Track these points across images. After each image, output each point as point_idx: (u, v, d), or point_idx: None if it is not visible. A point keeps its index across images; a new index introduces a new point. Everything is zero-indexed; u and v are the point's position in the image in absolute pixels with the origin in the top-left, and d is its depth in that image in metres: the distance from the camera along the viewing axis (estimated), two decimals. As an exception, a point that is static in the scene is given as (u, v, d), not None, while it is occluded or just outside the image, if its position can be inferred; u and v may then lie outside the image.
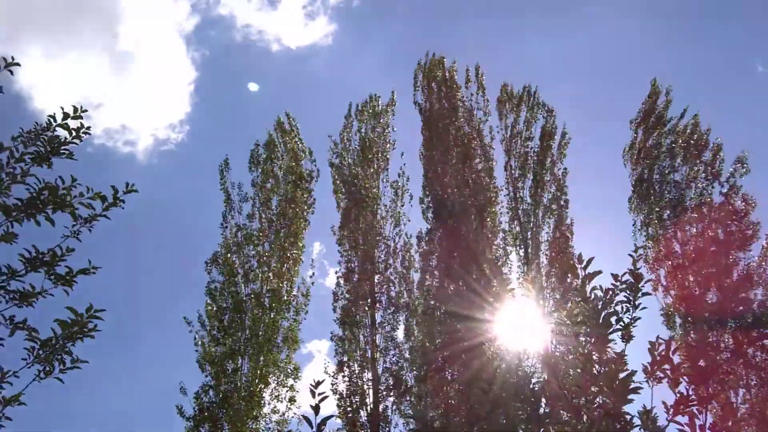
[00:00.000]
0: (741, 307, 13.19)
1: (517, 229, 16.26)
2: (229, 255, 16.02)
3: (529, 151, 17.22)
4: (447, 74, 18.56)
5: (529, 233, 16.07)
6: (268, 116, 39.14)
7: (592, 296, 3.44)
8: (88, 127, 4.32)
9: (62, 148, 4.21)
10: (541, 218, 16.26)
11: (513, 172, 17.08)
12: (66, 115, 4.28)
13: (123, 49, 39.09)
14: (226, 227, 16.64)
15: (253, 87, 37.82)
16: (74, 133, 4.28)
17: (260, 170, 17.73)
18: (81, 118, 4.32)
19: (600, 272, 3.59)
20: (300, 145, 18.74)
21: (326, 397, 2.95)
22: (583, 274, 3.51)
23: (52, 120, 4.23)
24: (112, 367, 30.94)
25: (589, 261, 3.56)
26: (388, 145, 18.47)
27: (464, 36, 38.40)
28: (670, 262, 14.57)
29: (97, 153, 34.50)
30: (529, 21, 37.17)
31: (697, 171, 15.94)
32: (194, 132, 37.56)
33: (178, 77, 41.06)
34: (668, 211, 15.74)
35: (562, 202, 16.49)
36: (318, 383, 2.91)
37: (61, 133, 4.25)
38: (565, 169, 17.02)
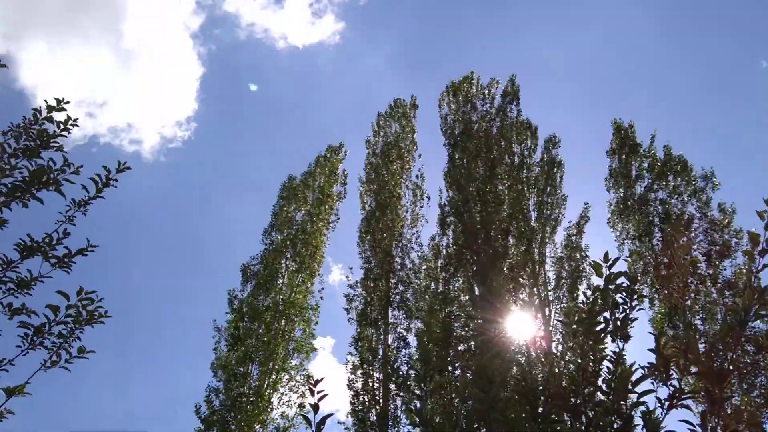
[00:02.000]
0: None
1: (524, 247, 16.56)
2: (261, 268, 17.00)
3: (530, 176, 18.00)
4: (475, 90, 19.49)
5: (535, 249, 16.32)
6: (275, 114, 39.15)
7: (612, 296, 3.45)
8: (75, 119, 4.32)
9: (51, 141, 4.21)
10: (548, 236, 16.80)
11: (523, 190, 17.64)
12: (51, 108, 4.29)
13: (128, 47, 39.12)
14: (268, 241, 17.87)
15: (252, 87, 38.00)
16: (62, 126, 4.29)
17: (291, 197, 18.95)
18: (65, 110, 4.32)
19: (625, 272, 3.59)
20: (337, 175, 19.95)
21: (326, 395, 2.97)
22: (608, 272, 3.53)
23: (37, 113, 4.24)
24: (117, 369, 31.24)
25: (615, 260, 3.58)
26: (412, 149, 19.33)
27: (469, 33, 38.24)
28: (657, 272, 14.88)
29: (102, 152, 34.64)
30: (535, 19, 36.93)
31: (674, 189, 16.98)
32: (202, 129, 37.57)
33: (184, 74, 41.12)
34: (655, 226, 16.44)
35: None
36: (317, 381, 2.92)
37: (50, 126, 4.26)
38: (564, 195, 17.82)
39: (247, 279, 16.88)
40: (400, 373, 14.33)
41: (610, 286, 3.45)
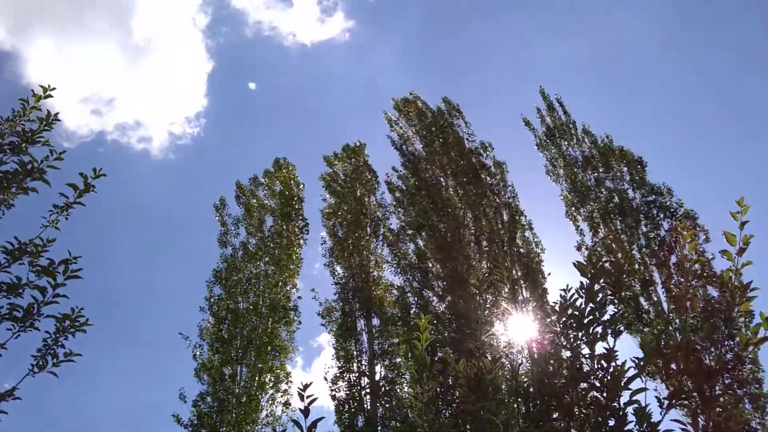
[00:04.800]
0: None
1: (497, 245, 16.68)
2: (229, 272, 16.96)
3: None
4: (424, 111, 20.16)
5: (506, 249, 16.45)
6: (284, 111, 38.81)
7: (599, 295, 3.41)
8: (56, 114, 4.44)
9: (37, 136, 4.31)
10: (510, 235, 16.80)
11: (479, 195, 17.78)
12: (38, 97, 4.42)
13: (136, 42, 38.53)
14: (226, 248, 17.89)
15: (252, 85, 37.84)
16: (44, 122, 4.39)
17: (247, 203, 19.18)
18: (51, 96, 4.47)
19: (610, 270, 3.56)
20: (294, 183, 20.21)
21: (315, 399, 2.92)
22: (593, 271, 3.48)
23: (25, 104, 4.35)
24: (114, 369, 30.75)
25: (599, 258, 3.54)
26: (371, 176, 20.00)
27: (478, 29, 38.33)
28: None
29: (109, 151, 34.02)
30: (543, 14, 36.97)
31: (613, 176, 16.95)
32: (211, 126, 37.06)
33: (193, 70, 40.61)
34: (616, 215, 16.17)
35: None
36: (306, 386, 2.87)
37: (38, 113, 4.38)
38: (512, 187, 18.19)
39: (218, 282, 16.93)
40: (386, 378, 14.49)
41: (596, 286, 3.41)
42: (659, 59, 35.13)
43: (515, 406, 3.88)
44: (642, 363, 3.09)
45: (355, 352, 15.22)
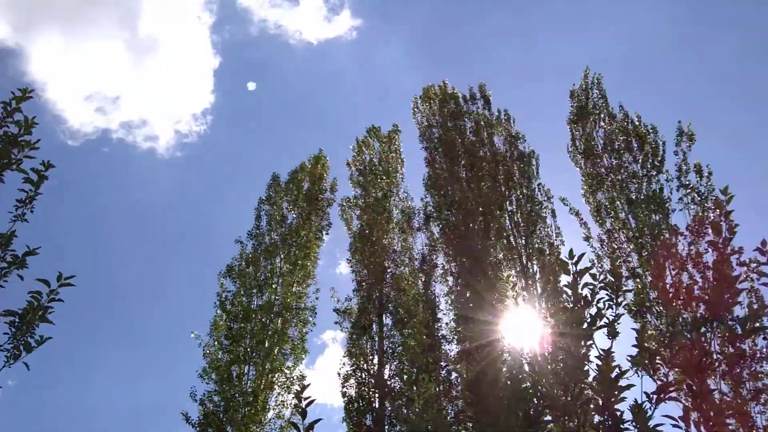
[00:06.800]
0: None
1: (512, 240, 16.11)
2: (244, 267, 16.79)
3: (509, 168, 17.65)
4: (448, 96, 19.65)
5: (521, 241, 16.09)
6: (291, 108, 38.95)
7: (583, 293, 3.42)
8: (33, 117, 4.66)
9: (19, 139, 4.53)
10: (530, 227, 16.22)
11: (500, 187, 17.05)
12: (18, 99, 4.62)
13: (142, 39, 38.70)
14: (248, 242, 17.73)
15: (251, 86, 37.88)
16: (23, 126, 4.60)
17: (273, 199, 19.05)
18: (31, 98, 4.70)
19: (591, 268, 3.57)
20: (325, 181, 20.05)
21: (313, 401, 2.96)
22: (575, 270, 3.48)
23: (7, 106, 4.56)
24: (120, 367, 30.96)
25: (580, 257, 3.55)
26: (398, 167, 19.90)
27: (486, 25, 38.12)
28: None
29: (114, 150, 34.19)
30: (555, 9, 36.57)
31: (642, 161, 15.74)
32: (217, 123, 37.14)
33: (199, 68, 40.73)
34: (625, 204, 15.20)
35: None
36: (303, 388, 2.91)
37: (20, 117, 4.60)
38: (540, 184, 17.36)
39: (231, 277, 16.69)
40: (395, 377, 14.56)
41: (579, 283, 3.40)
42: (675, 53, 34.66)
43: (516, 407, 3.90)
44: (635, 358, 3.11)
45: (368, 350, 15.27)
